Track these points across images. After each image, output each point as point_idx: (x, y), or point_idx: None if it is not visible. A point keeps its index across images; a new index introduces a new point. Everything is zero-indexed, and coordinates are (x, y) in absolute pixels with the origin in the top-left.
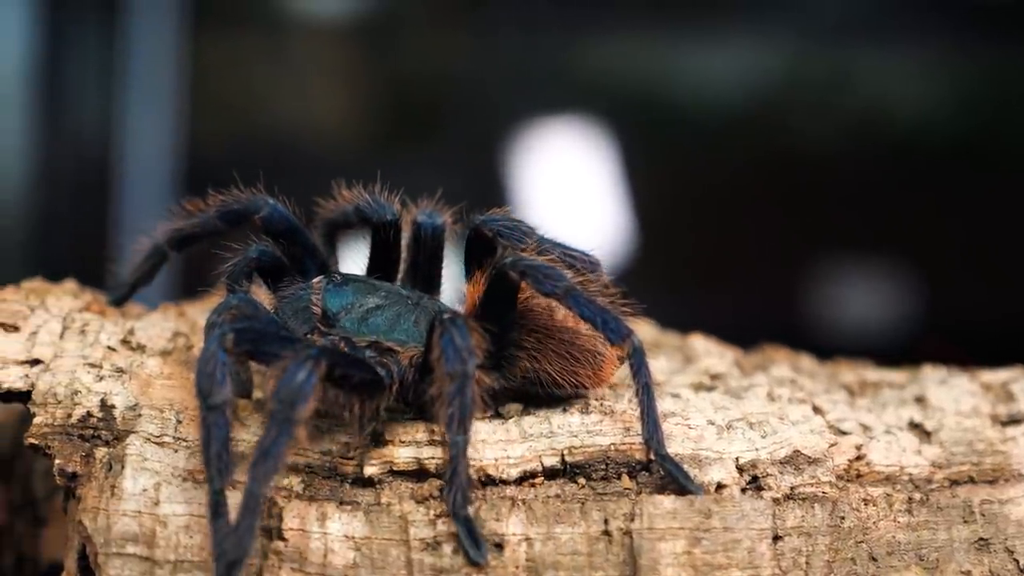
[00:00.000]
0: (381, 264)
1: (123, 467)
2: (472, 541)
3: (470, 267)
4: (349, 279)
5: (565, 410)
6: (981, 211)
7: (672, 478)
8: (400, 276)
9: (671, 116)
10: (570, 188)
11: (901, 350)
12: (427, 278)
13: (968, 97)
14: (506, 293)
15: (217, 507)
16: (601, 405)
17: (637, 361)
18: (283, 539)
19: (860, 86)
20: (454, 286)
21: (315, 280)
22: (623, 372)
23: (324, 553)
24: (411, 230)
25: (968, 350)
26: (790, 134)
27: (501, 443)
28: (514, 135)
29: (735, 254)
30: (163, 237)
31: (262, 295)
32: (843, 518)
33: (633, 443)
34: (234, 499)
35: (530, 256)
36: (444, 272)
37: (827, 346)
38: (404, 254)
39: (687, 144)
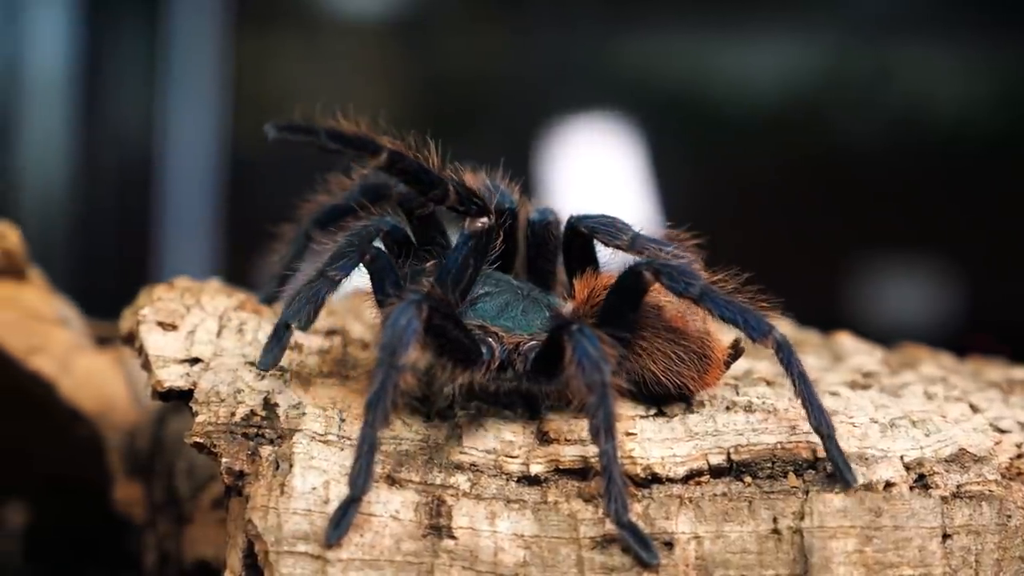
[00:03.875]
0: (499, 252)
1: (291, 465)
2: (641, 544)
3: (570, 265)
4: None
5: (729, 408)
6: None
7: (835, 465)
8: (516, 268)
9: (709, 113)
10: (607, 185)
11: (943, 348)
12: (541, 272)
13: (1011, 93)
14: (634, 293)
15: None
16: (764, 403)
17: (785, 354)
18: (453, 538)
19: (902, 82)
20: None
21: (429, 263)
22: (778, 369)
23: (494, 552)
24: (525, 226)
25: (1012, 348)
26: (830, 131)
27: (667, 441)
28: (551, 132)
29: (775, 251)
30: (308, 218)
31: None
32: (1009, 516)
33: (799, 441)
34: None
35: (665, 257)
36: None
37: None
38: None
39: (726, 141)
